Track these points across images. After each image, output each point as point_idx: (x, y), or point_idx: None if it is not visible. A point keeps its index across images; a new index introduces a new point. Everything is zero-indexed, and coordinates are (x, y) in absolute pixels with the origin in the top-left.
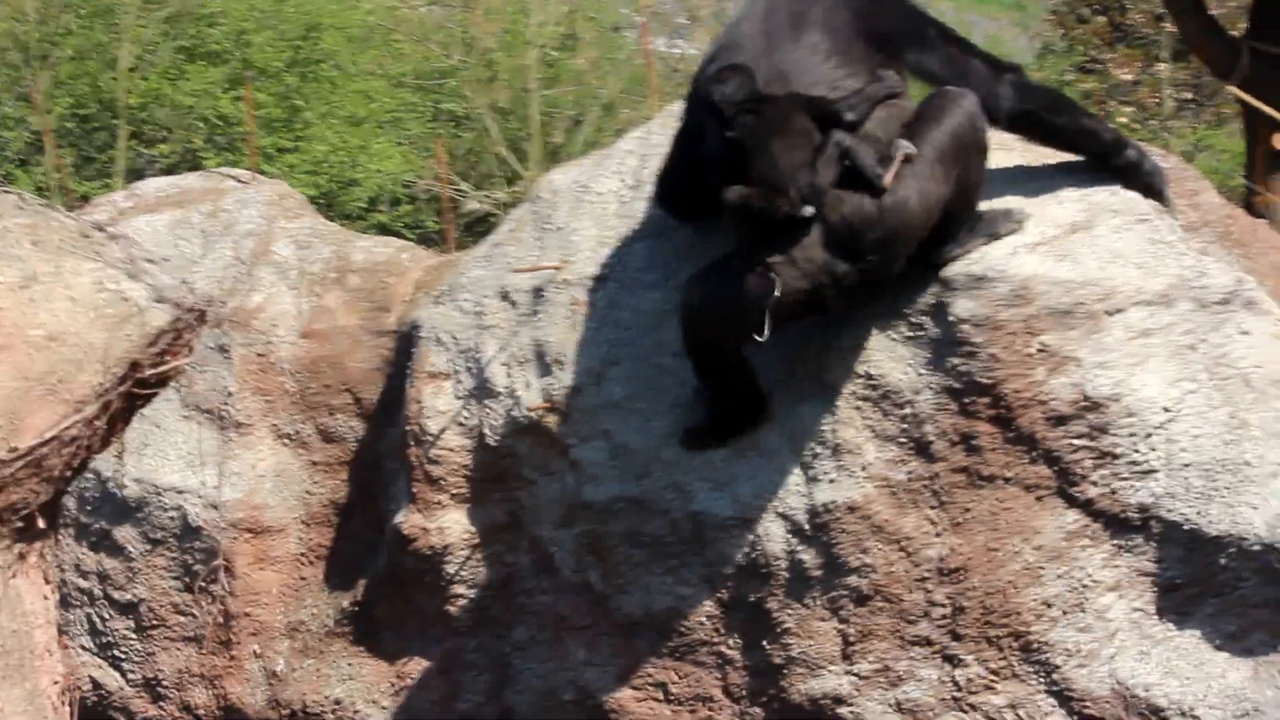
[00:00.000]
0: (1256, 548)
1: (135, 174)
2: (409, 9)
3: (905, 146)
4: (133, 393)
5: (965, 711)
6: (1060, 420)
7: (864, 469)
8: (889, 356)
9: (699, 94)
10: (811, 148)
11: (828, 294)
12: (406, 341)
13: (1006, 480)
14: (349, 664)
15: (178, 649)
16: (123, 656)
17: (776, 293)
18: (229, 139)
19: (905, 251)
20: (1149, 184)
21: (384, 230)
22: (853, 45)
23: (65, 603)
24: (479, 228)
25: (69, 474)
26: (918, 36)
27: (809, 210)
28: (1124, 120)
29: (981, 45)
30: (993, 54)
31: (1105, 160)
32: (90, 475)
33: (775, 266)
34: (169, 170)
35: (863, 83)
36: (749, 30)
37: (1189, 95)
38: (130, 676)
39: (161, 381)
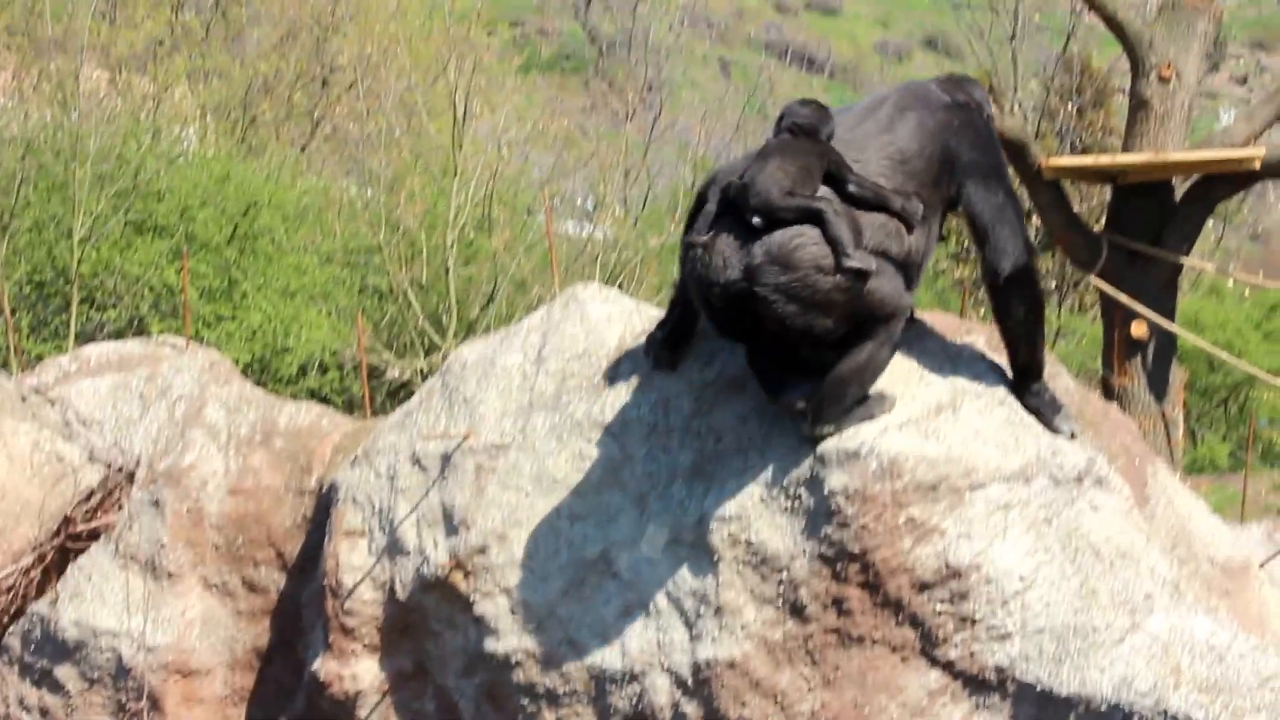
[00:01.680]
0: (1103, 708)
1: (87, 337)
2: (339, 190)
3: (865, 259)
4: (66, 546)
5: None
6: (925, 586)
7: (744, 628)
8: (768, 525)
9: None
10: (798, 181)
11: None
12: (326, 501)
13: (874, 641)
14: None
15: None
16: None
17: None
18: (172, 306)
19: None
20: (1040, 412)
21: (313, 395)
22: (922, 153)
23: None
24: (401, 394)
25: (6, 619)
26: (988, 173)
27: (757, 220)
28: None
29: None
30: (1026, 228)
31: (1021, 374)
32: (34, 617)
33: (699, 243)
34: (118, 334)
35: (893, 185)
36: (861, 105)
37: (1053, 284)
38: None
39: (93, 535)
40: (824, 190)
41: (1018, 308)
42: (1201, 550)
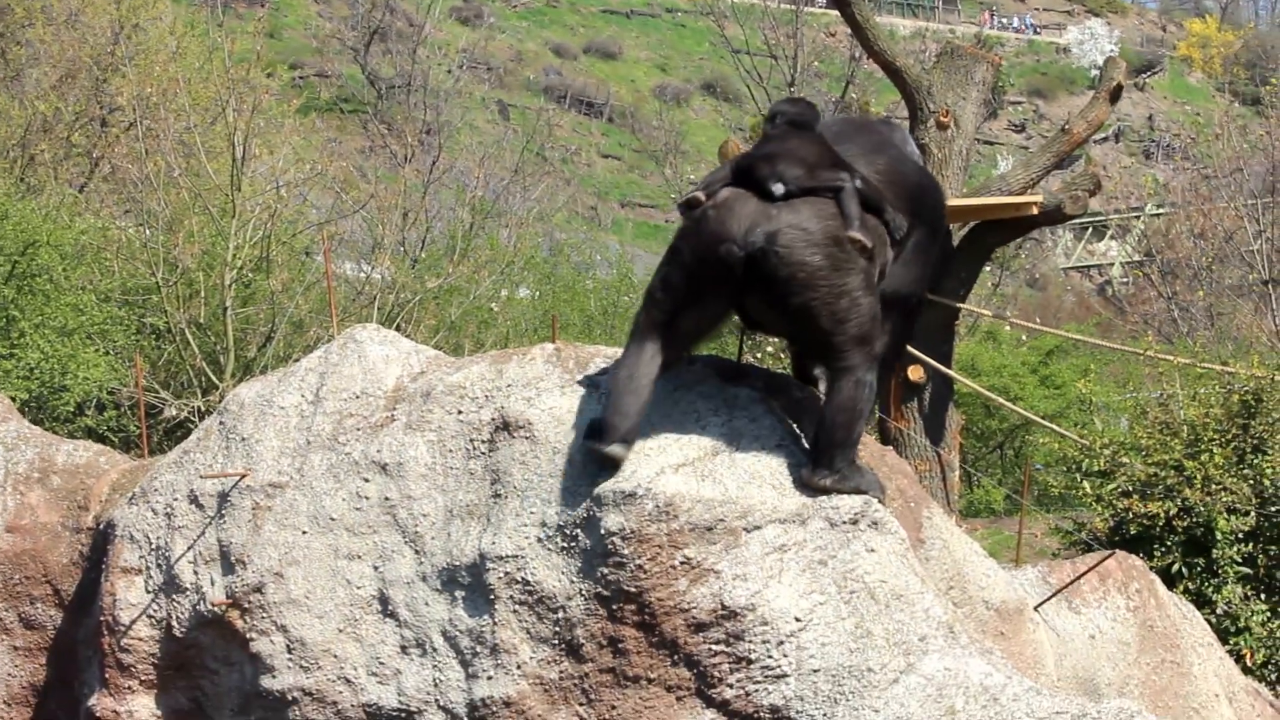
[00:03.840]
0: None
1: None
2: (118, 229)
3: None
4: None
5: None
6: (700, 627)
7: (519, 667)
8: (545, 565)
9: None
10: (819, 160)
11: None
12: (103, 539)
13: (650, 681)
14: None
15: None
16: None
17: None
18: None
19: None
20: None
21: (90, 434)
22: (905, 182)
23: None
24: (179, 433)
25: None
26: (928, 230)
27: (779, 188)
28: (770, 350)
29: (641, 277)
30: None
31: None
32: None
33: (707, 202)
34: None
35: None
36: (832, 123)
37: None
38: None
39: None
40: (842, 173)
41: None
42: (976, 593)
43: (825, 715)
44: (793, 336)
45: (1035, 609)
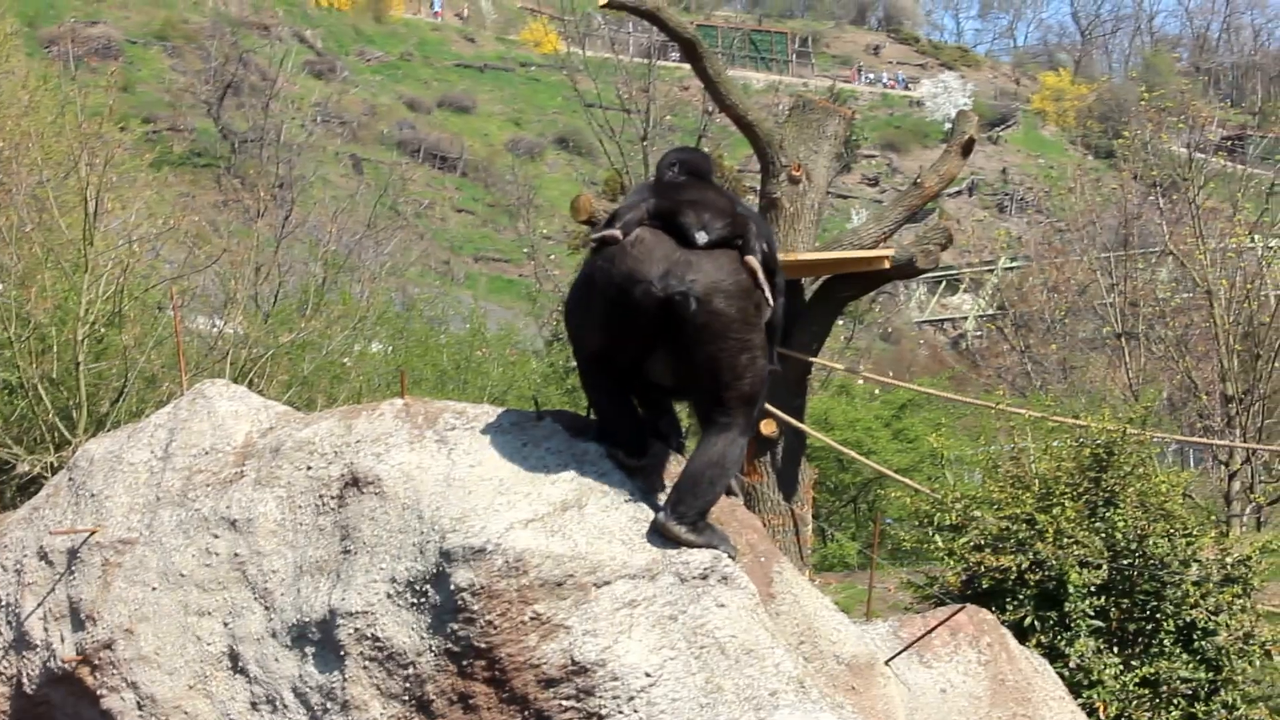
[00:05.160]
0: None
1: None
2: None
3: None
4: None
5: None
6: (550, 683)
7: None
8: (395, 621)
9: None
10: (734, 212)
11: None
12: None
13: None
14: None
15: None
16: None
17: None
18: None
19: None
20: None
21: None
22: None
23: None
24: (32, 489)
25: None
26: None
27: (702, 236)
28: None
29: (494, 332)
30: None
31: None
32: None
33: (621, 239)
34: None
35: None
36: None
37: None
38: None
39: None
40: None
41: None
42: (827, 647)
43: None
44: (684, 387)
45: (886, 663)
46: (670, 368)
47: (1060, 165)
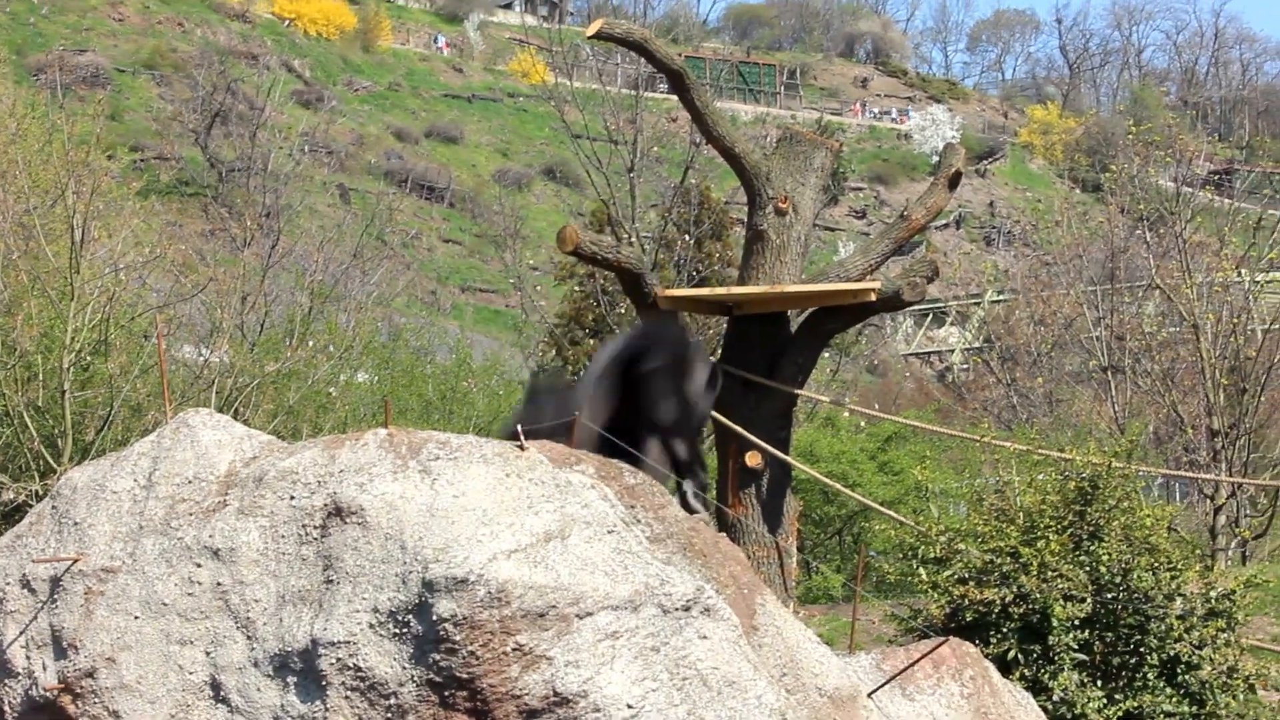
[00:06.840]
0: None
1: None
2: None
3: None
4: None
5: None
6: (532, 714)
7: None
8: (377, 651)
9: None
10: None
11: None
12: None
13: None
14: None
15: None
16: None
17: None
18: None
19: None
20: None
21: None
22: None
23: None
24: (16, 517)
25: None
26: None
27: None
28: None
29: (480, 362)
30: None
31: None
32: None
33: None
34: None
35: None
36: None
37: None
38: None
39: None
40: None
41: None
42: (810, 680)
43: None
44: None
45: (869, 696)
46: None
47: (1047, 198)
